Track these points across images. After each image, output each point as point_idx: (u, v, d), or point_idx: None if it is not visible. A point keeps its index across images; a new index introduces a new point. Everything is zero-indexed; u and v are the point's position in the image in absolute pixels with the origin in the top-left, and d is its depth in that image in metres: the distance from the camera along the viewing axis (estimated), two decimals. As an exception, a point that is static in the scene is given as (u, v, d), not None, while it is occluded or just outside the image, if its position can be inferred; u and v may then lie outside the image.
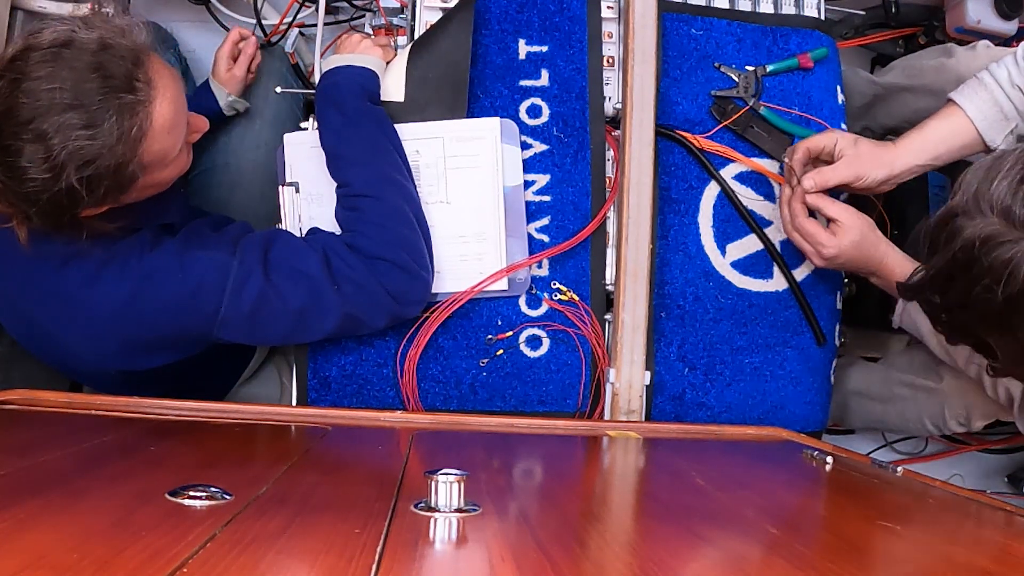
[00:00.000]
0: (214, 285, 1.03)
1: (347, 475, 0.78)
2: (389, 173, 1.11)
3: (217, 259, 1.04)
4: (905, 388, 1.31)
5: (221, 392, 1.39)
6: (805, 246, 1.17)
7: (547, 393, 1.21)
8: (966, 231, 0.82)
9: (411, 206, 1.12)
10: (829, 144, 1.17)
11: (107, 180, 0.94)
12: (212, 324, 1.04)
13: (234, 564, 0.48)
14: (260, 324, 1.06)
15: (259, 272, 1.04)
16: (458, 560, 0.54)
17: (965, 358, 1.16)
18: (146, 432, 0.91)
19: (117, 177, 0.95)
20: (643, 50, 1.21)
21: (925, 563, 0.64)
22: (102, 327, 1.04)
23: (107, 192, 0.95)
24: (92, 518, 0.54)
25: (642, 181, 1.18)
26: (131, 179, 0.97)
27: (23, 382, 1.15)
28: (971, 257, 0.82)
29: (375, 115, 1.15)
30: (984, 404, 1.20)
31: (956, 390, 1.22)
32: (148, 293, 1.02)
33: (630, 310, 1.17)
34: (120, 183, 0.96)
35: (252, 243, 1.06)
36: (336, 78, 1.15)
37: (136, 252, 1.02)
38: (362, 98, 1.14)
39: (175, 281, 1.02)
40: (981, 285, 0.81)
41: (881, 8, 1.56)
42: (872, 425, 1.50)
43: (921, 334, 1.19)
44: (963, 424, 1.26)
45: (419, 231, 1.11)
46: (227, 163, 1.40)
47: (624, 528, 0.70)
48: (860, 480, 0.92)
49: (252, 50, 1.37)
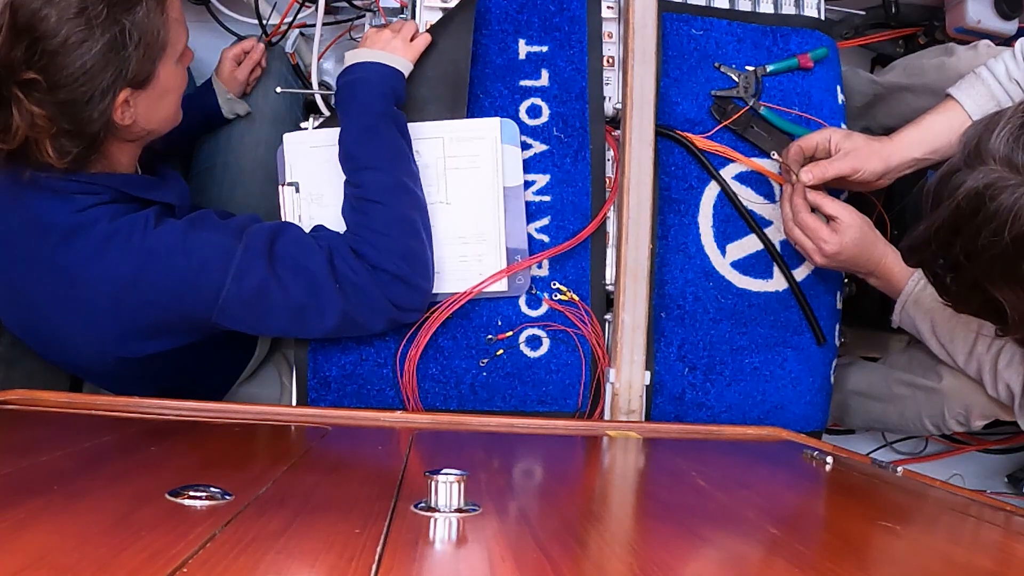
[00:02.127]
0: (217, 268, 1.02)
1: (347, 475, 0.78)
2: (403, 181, 1.11)
3: (222, 242, 1.03)
4: (904, 387, 1.31)
5: (221, 390, 1.39)
6: (806, 243, 1.17)
7: (547, 393, 1.21)
8: (969, 181, 0.83)
9: (420, 215, 1.12)
10: (822, 141, 1.17)
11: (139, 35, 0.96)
12: (212, 308, 1.03)
13: (234, 564, 0.48)
14: (259, 313, 1.05)
15: (263, 261, 1.03)
16: (458, 560, 0.54)
17: (964, 356, 1.16)
18: (146, 432, 0.91)
19: (148, 35, 0.97)
20: (643, 50, 1.21)
21: (925, 563, 0.64)
22: (101, 307, 1.03)
23: (140, 61, 0.97)
24: (92, 518, 0.54)
25: (642, 181, 1.18)
26: (161, 46, 1.00)
27: (23, 382, 1.15)
28: (976, 205, 0.83)
29: (399, 120, 1.14)
30: (984, 403, 1.20)
31: (955, 389, 1.22)
32: (150, 271, 1.02)
33: (630, 310, 1.17)
34: (151, 47, 0.98)
35: (259, 232, 1.06)
36: (367, 75, 1.13)
37: (140, 228, 1.02)
38: (390, 101, 1.13)
39: (178, 260, 1.02)
40: (987, 231, 0.82)
41: (881, 8, 1.56)
42: (872, 425, 1.50)
43: (920, 334, 1.19)
44: (962, 424, 1.26)
45: (425, 241, 1.11)
46: (227, 162, 1.40)
47: (624, 528, 0.69)
48: (860, 480, 0.92)
49: (258, 56, 1.39)
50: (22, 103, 0.93)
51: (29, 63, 0.92)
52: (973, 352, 1.15)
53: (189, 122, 1.37)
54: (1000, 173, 0.82)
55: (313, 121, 1.23)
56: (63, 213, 1.01)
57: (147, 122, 1.05)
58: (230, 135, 1.40)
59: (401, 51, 1.16)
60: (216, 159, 1.41)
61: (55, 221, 1.01)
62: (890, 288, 1.20)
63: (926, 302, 1.17)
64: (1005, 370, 1.13)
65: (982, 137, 0.84)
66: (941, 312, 1.16)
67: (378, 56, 1.14)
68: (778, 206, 1.26)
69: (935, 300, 1.16)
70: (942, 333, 1.17)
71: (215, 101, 1.37)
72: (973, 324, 1.14)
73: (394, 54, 1.15)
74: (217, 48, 1.41)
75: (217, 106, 1.37)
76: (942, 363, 1.22)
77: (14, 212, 1.04)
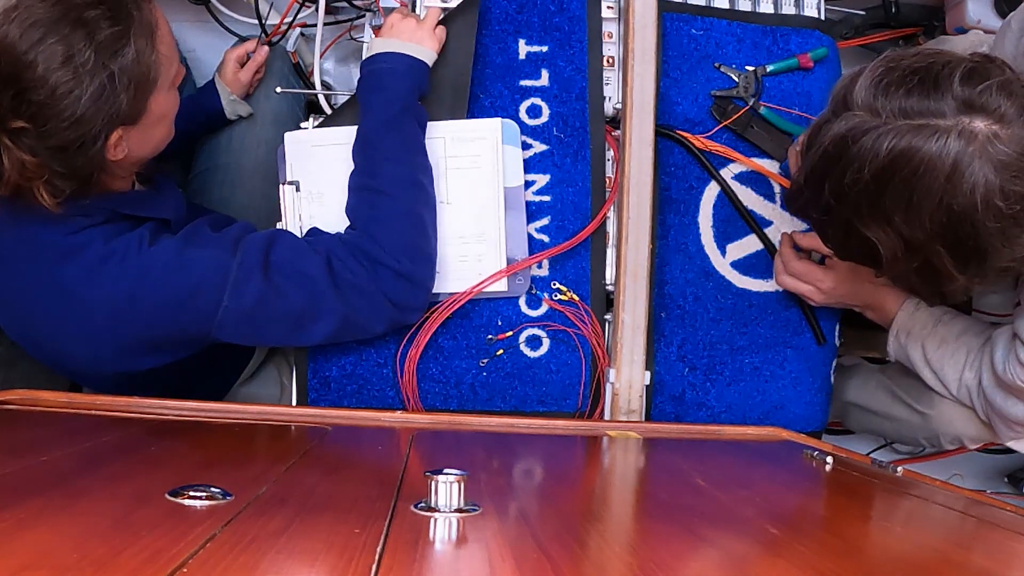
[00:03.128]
0: (213, 285, 1.02)
1: (347, 475, 0.78)
2: (419, 178, 1.11)
3: (217, 258, 1.03)
4: (901, 408, 1.32)
5: (221, 392, 1.39)
6: (802, 287, 1.20)
7: (547, 393, 1.21)
8: (833, 127, 0.89)
9: (429, 214, 1.11)
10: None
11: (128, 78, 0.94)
12: (210, 325, 1.03)
13: (234, 564, 0.48)
14: (259, 325, 1.05)
15: (259, 273, 1.03)
16: (458, 560, 0.54)
17: (956, 383, 1.17)
18: (146, 432, 0.91)
19: (138, 75, 0.95)
20: (643, 50, 1.21)
21: (925, 563, 0.64)
22: (98, 326, 1.03)
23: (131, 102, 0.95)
24: (92, 518, 0.54)
25: (642, 181, 1.18)
26: (152, 82, 0.97)
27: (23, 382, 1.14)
28: (840, 148, 0.88)
29: (421, 116, 1.14)
30: (977, 430, 1.21)
31: (948, 417, 1.23)
32: (146, 291, 1.01)
33: (630, 310, 1.17)
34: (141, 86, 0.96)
35: (253, 243, 1.05)
36: (395, 65, 1.12)
37: (135, 247, 1.01)
38: (415, 95, 1.13)
39: (174, 279, 1.01)
40: (851, 171, 0.87)
41: (881, 8, 1.56)
42: (870, 432, 1.51)
43: (914, 365, 1.20)
44: (957, 446, 1.28)
45: (431, 240, 1.11)
46: (227, 162, 1.40)
47: (624, 528, 0.69)
48: (860, 480, 0.92)
49: (262, 58, 1.38)
50: (11, 151, 0.92)
51: (17, 112, 0.90)
52: (962, 379, 1.16)
53: (191, 123, 1.37)
54: (862, 117, 0.87)
55: (314, 121, 1.23)
56: (58, 234, 1.01)
57: (141, 152, 1.04)
58: (231, 136, 1.40)
59: (428, 43, 1.15)
60: (217, 160, 1.41)
61: (47, 241, 1.01)
62: (884, 319, 1.22)
63: (916, 330, 1.19)
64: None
65: (847, 87, 0.90)
66: (931, 339, 1.18)
67: (407, 48, 1.13)
68: (778, 206, 1.26)
69: (924, 328, 1.17)
70: (933, 360, 1.18)
71: (218, 102, 1.37)
72: (962, 351, 1.15)
73: (421, 45, 1.14)
74: (217, 48, 1.41)
75: (219, 107, 1.37)
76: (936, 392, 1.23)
77: (10, 232, 1.03)
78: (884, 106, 0.86)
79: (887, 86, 0.86)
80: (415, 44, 1.13)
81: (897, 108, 0.85)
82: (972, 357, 1.15)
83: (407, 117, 1.11)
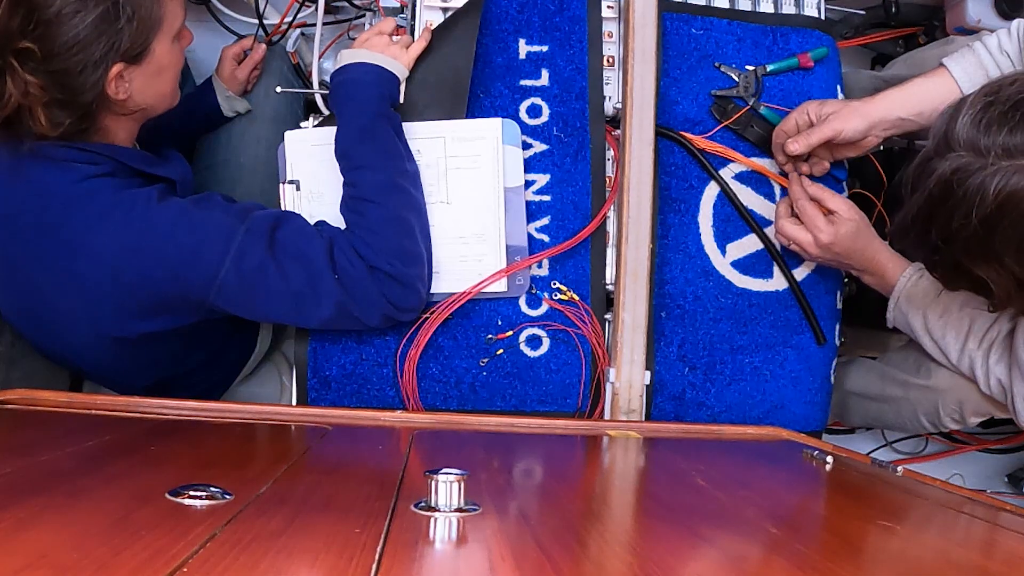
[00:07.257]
0: (217, 247, 1.03)
1: (347, 475, 0.78)
2: (397, 181, 1.11)
3: (225, 222, 1.04)
4: (899, 388, 1.32)
5: (221, 389, 1.39)
6: (800, 235, 1.19)
7: (547, 393, 1.21)
8: (938, 168, 0.88)
9: (415, 216, 1.12)
10: (799, 116, 1.20)
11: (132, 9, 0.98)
12: (210, 288, 1.03)
13: (234, 564, 0.48)
14: (256, 297, 1.06)
15: (263, 245, 1.04)
16: (458, 560, 0.54)
17: (957, 353, 1.17)
18: (146, 432, 0.91)
19: (142, 11, 1.00)
20: (643, 50, 1.21)
21: (925, 563, 0.64)
22: (99, 281, 1.03)
23: (133, 36, 1.00)
24: (92, 518, 0.54)
25: (642, 181, 1.18)
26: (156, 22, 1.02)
27: (23, 382, 1.15)
28: (946, 191, 0.88)
29: (394, 121, 1.14)
30: (977, 400, 1.21)
31: (949, 386, 1.23)
32: (150, 244, 1.02)
33: (630, 310, 1.17)
34: (144, 23, 1.00)
35: (262, 217, 1.06)
36: (362, 76, 1.13)
37: (143, 202, 1.03)
38: (385, 103, 1.14)
39: (179, 236, 1.02)
40: (958, 214, 0.87)
41: (881, 8, 1.56)
42: (870, 423, 1.51)
43: (914, 332, 1.20)
44: (957, 421, 1.27)
45: (420, 242, 1.11)
46: (228, 160, 1.40)
47: (624, 528, 0.70)
48: (860, 480, 0.92)
49: (259, 56, 1.39)
50: (16, 72, 0.96)
51: (24, 33, 0.95)
52: (965, 348, 1.16)
53: (189, 120, 1.38)
54: (966, 158, 0.86)
55: (313, 120, 1.23)
56: (63, 183, 1.02)
57: (142, 98, 1.06)
58: (231, 133, 1.41)
59: (401, 57, 1.16)
60: (217, 157, 1.41)
61: (55, 190, 1.03)
62: (883, 285, 1.21)
63: (918, 298, 1.18)
64: (996, 365, 1.14)
65: (948, 125, 0.89)
66: (933, 308, 1.17)
67: (375, 59, 1.14)
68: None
69: (926, 296, 1.17)
70: (934, 329, 1.18)
71: (215, 99, 1.37)
72: (965, 320, 1.16)
73: (393, 59, 1.15)
74: (217, 48, 1.41)
75: (217, 104, 1.37)
76: (936, 361, 1.23)
77: (15, 187, 1.05)
78: (987, 145, 0.85)
79: (988, 124, 0.85)
80: (386, 56, 1.14)
81: (1001, 147, 0.84)
82: (976, 327, 1.15)
83: (380, 124, 1.12)
